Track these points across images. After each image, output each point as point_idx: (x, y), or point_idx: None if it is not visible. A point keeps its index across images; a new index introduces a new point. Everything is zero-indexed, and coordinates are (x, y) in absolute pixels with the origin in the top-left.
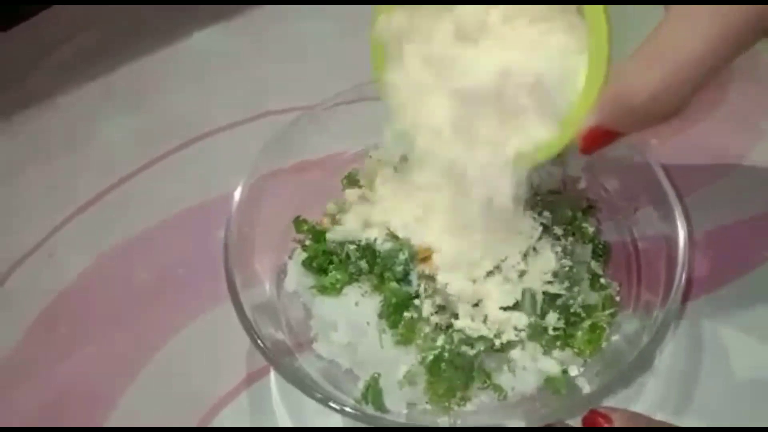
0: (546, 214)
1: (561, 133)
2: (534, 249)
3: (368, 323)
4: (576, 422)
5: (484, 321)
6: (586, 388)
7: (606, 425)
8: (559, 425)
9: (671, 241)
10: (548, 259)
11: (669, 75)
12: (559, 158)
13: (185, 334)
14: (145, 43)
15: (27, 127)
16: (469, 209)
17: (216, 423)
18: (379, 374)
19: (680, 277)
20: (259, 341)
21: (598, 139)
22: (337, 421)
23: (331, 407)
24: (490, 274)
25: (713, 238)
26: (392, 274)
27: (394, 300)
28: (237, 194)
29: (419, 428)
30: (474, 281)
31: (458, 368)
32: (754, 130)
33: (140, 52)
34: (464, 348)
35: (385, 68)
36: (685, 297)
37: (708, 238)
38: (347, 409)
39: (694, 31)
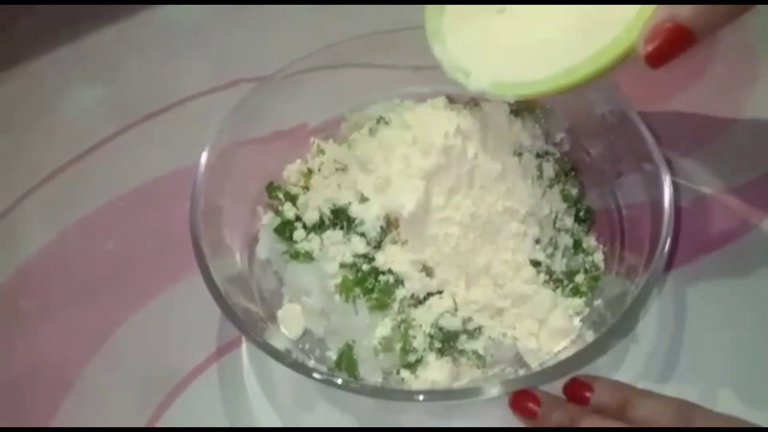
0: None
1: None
2: None
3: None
4: (556, 390)
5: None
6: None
7: (587, 393)
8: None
9: (657, 206)
10: (530, 224)
11: None
12: (540, 117)
13: (152, 307)
14: (112, 12)
15: None
16: None
17: (186, 396)
18: (353, 341)
19: (665, 243)
20: (227, 306)
21: (672, 40)
22: (315, 399)
23: (303, 373)
24: None
25: (698, 206)
26: (365, 239)
27: (365, 266)
28: (203, 160)
29: (394, 391)
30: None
31: (435, 339)
32: (740, 97)
33: (108, 21)
34: (446, 317)
35: None
36: (669, 264)
37: (693, 205)
38: (319, 375)
39: None
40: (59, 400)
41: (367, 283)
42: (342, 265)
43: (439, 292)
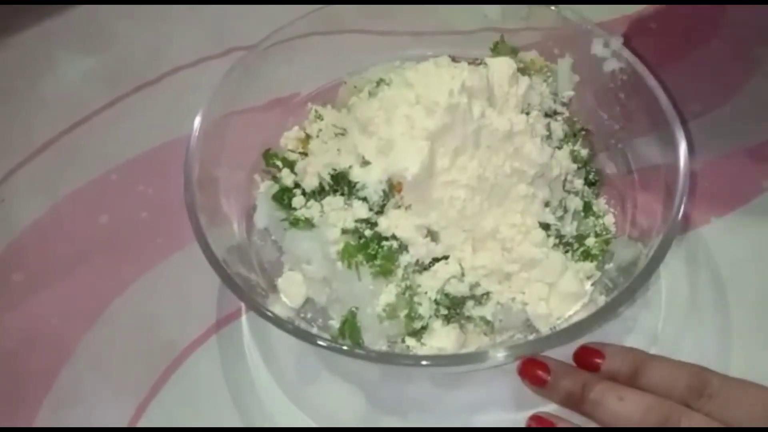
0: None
1: None
2: None
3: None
4: (566, 357)
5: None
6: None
7: (598, 360)
8: (563, 424)
9: (670, 169)
10: (539, 186)
11: None
12: (548, 76)
13: (149, 279)
14: None
15: None
16: None
17: (186, 367)
18: (356, 308)
19: (679, 206)
20: (227, 275)
21: None
22: (316, 369)
23: (307, 340)
24: None
25: (710, 169)
26: (367, 204)
27: (367, 231)
28: (196, 127)
29: (399, 357)
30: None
31: (441, 305)
32: (752, 57)
33: None
34: (452, 283)
35: None
36: (682, 228)
37: (705, 168)
38: (322, 343)
39: None
40: (57, 372)
41: (370, 249)
42: (344, 231)
43: (445, 258)
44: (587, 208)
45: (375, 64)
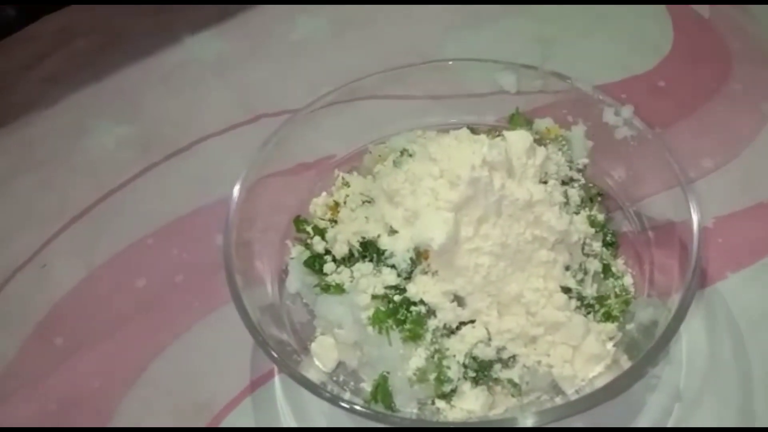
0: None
1: None
2: None
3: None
4: (592, 417)
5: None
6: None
7: None
8: None
9: (684, 227)
10: (559, 251)
11: None
12: (563, 145)
13: (185, 341)
14: (135, 49)
15: (16, 137)
16: None
17: (222, 428)
18: (388, 372)
19: (695, 263)
20: (263, 340)
21: None
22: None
23: (341, 406)
24: None
25: (724, 224)
26: (396, 270)
27: (396, 297)
28: (235, 194)
29: (431, 423)
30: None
31: (469, 368)
32: (759, 112)
33: (130, 59)
34: (479, 347)
35: None
36: (699, 284)
37: (718, 224)
38: (357, 407)
39: None
40: None
41: (400, 314)
42: (374, 297)
43: (472, 322)
44: (606, 269)
45: (398, 130)
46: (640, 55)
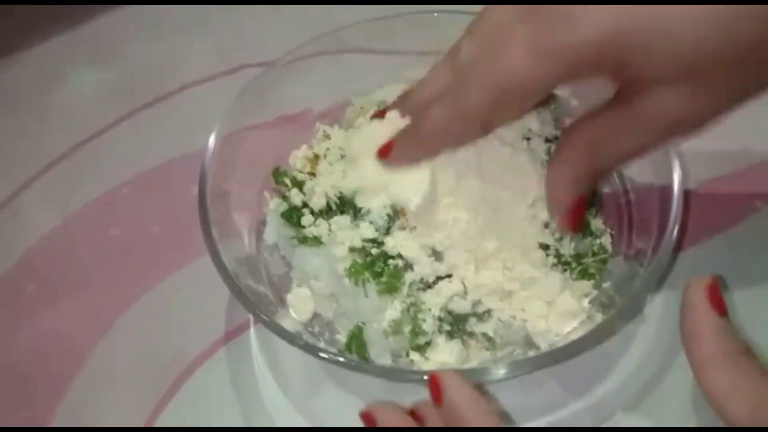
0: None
1: None
2: None
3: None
4: (565, 369)
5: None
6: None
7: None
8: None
9: (665, 189)
10: (539, 208)
11: None
12: (550, 103)
13: (158, 292)
14: None
15: None
16: None
17: (195, 379)
18: (363, 323)
19: (673, 226)
20: (239, 290)
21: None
22: (323, 382)
23: (315, 355)
24: None
25: (704, 188)
26: (373, 225)
27: (374, 250)
28: (210, 144)
29: (403, 371)
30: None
31: (444, 322)
32: None
33: (108, 6)
34: (455, 300)
35: None
36: (677, 246)
37: (699, 187)
38: (331, 356)
39: None
40: (68, 383)
41: (376, 266)
42: (351, 249)
43: (449, 276)
44: (585, 228)
45: (381, 84)
46: None
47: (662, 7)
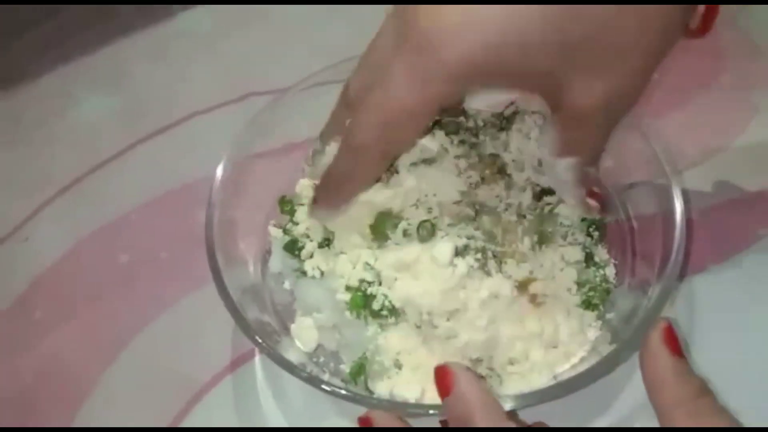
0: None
1: None
2: None
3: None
4: (566, 407)
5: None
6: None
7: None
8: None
9: (668, 218)
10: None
11: None
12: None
13: (166, 319)
14: (126, 22)
15: (2, 107)
16: None
17: (200, 407)
18: (367, 355)
19: (677, 254)
20: (242, 320)
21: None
22: (327, 412)
23: (319, 388)
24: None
25: (707, 217)
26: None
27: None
28: (218, 173)
29: (408, 405)
30: None
31: None
32: (749, 106)
33: (121, 31)
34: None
35: None
36: (680, 275)
37: (702, 216)
38: (334, 390)
39: None
40: (76, 408)
41: (374, 305)
42: (347, 288)
43: None
44: (588, 258)
45: None
46: None
47: (519, 18)
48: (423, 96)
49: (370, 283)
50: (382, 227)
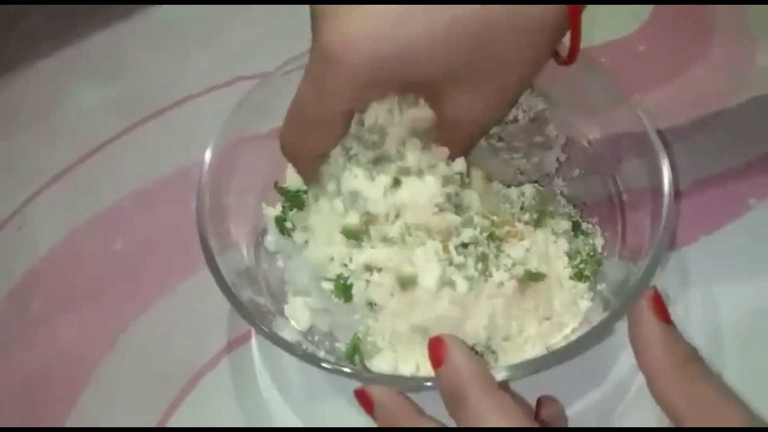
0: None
1: None
2: None
3: None
4: (561, 374)
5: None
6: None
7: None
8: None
9: (657, 191)
10: None
11: None
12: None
13: (163, 304)
14: (114, 11)
15: None
16: None
17: (198, 390)
18: (359, 335)
19: (665, 225)
20: (237, 301)
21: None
22: (323, 389)
23: (316, 364)
24: None
25: (696, 188)
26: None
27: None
28: (207, 157)
29: (404, 379)
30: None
31: None
32: (736, 82)
33: (110, 20)
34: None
35: None
36: (670, 246)
37: (691, 187)
38: (331, 366)
39: None
40: (76, 396)
41: (352, 290)
42: (326, 279)
43: None
44: (576, 226)
45: None
46: (620, 19)
47: (407, 35)
48: (324, 104)
49: (347, 278)
50: (351, 237)
